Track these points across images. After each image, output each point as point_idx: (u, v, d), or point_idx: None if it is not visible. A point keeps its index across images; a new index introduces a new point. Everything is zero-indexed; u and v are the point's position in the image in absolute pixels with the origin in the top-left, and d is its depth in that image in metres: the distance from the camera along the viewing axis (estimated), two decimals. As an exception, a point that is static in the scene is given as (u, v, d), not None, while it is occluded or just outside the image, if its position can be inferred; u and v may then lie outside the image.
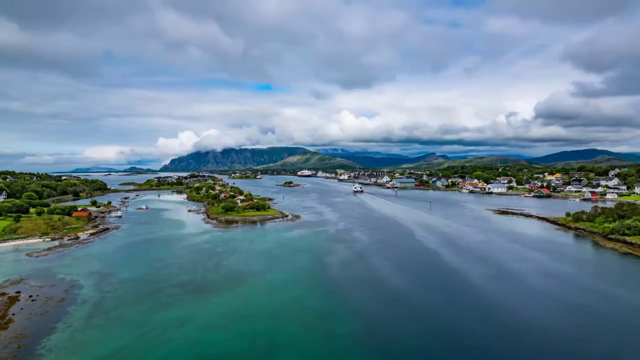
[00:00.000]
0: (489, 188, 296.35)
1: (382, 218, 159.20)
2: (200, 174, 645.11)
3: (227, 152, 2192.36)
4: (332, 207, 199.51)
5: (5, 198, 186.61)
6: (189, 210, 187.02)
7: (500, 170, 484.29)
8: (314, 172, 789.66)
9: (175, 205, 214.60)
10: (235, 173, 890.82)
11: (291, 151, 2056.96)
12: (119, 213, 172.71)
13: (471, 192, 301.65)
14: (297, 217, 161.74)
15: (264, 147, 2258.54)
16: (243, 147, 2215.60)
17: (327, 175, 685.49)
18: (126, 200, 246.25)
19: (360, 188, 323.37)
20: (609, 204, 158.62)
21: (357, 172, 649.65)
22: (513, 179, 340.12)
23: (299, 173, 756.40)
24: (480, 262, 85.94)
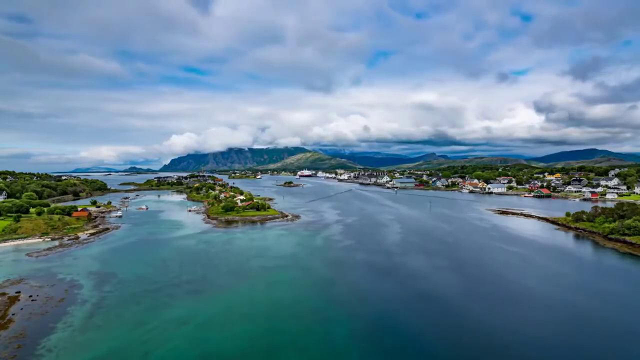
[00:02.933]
0: (489, 188, 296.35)
1: (379, 217, 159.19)
2: (200, 174, 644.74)
3: (227, 152, 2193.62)
4: (332, 207, 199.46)
5: (5, 198, 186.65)
6: (189, 210, 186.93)
7: (500, 170, 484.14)
8: (314, 172, 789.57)
9: (175, 206, 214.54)
10: (235, 173, 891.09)
11: (291, 151, 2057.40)
12: (119, 213, 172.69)
13: (471, 192, 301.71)
14: (297, 217, 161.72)
15: (264, 147, 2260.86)
16: (243, 147, 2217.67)
17: (327, 175, 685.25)
18: (126, 200, 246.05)
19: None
20: (609, 204, 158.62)
21: (357, 172, 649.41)
22: (513, 179, 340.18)
23: (299, 173, 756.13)
24: (479, 262, 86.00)
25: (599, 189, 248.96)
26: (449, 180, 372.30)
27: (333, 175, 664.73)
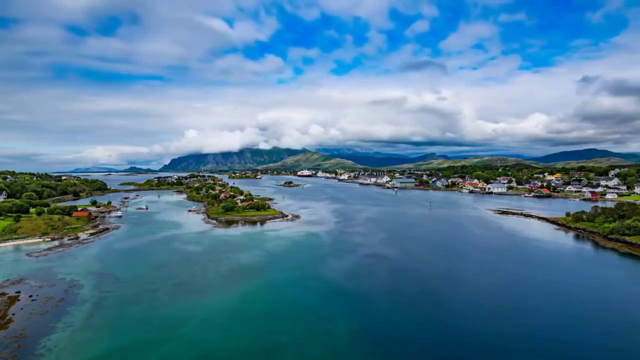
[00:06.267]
0: (489, 188, 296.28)
1: (379, 217, 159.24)
2: (200, 174, 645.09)
3: (227, 152, 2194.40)
4: (331, 207, 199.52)
5: (5, 198, 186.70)
6: (189, 210, 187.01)
7: (500, 170, 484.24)
8: (314, 172, 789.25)
9: (175, 205, 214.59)
10: (235, 173, 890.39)
11: (291, 151, 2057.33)
12: (118, 213, 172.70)
13: (471, 192, 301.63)
14: (297, 216, 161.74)
15: (264, 147, 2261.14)
16: (243, 148, 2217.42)
17: (327, 175, 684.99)
18: (126, 200, 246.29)
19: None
20: (609, 204, 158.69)
21: (357, 172, 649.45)
22: (513, 179, 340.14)
23: (299, 173, 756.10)
24: (480, 263, 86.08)
25: (599, 189, 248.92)
26: (449, 180, 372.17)
27: (333, 175, 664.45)
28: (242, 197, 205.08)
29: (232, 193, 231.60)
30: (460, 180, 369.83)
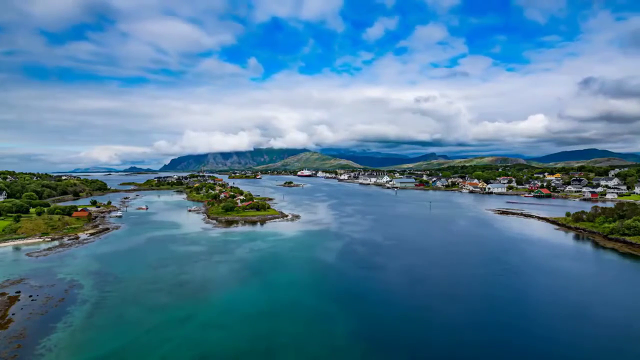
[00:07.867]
0: (489, 188, 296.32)
1: (378, 217, 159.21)
2: (200, 174, 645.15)
3: (227, 152, 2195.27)
4: (331, 207, 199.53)
5: (5, 198, 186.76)
6: (189, 210, 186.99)
7: (500, 170, 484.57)
8: (314, 172, 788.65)
9: (175, 205, 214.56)
10: (235, 173, 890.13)
11: (291, 151, 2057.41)
12: (118, 213, 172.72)
13: (471, 192, 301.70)
14: (297, 216, 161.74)
15: (264, 147, 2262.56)
16: (244, 148, 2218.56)
17: (327, 175, 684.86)
18: (126, 200, 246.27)
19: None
20: (609, 204, 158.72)
21: (357, 172, 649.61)
22: (513, 179, 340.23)
23: (299, 173, 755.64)
24: (480, 264, 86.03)
25: (599, 189, 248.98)
26: (449, 180, 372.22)
27: (333, 175, 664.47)
28: (242, 197, 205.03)
29: (232, 193, 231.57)
30: (460, 180, 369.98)
